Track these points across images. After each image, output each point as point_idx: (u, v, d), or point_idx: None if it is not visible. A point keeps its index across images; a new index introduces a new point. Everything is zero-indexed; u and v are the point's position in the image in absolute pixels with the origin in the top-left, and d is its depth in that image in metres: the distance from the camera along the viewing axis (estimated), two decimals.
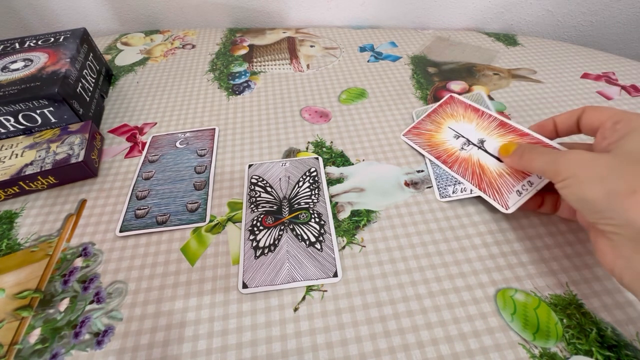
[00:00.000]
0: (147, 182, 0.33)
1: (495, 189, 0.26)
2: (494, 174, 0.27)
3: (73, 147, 0.32)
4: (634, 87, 0.42)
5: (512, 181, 0.26)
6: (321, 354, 0.22)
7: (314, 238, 0.28)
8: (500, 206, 0.26)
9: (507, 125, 0.29)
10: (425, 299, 0.25)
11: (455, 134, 0.31)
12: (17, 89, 0.33)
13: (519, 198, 0.25)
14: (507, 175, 0.26)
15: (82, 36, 0.41)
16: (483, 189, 0.27)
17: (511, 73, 0.45)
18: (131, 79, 0.46)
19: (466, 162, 0.29)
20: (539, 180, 0.25)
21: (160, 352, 0.23)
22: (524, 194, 0.25)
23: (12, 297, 0.25)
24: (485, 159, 0.28)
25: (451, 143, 0.31)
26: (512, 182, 0.26)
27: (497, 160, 0.28)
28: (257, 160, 0.34)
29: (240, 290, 0.25)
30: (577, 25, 0.54)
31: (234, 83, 0.45)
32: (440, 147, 0.31)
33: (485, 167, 0.28)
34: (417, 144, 0.32)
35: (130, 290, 0.26)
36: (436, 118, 0.33)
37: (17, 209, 0.31)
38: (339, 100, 0.41)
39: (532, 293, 0.25)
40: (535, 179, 0.25)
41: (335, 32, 0.54)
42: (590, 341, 0.22)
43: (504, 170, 0.27)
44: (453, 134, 0.31)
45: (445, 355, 0.22)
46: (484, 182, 0.27)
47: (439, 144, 0.31)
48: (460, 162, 0.29)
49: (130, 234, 0.29)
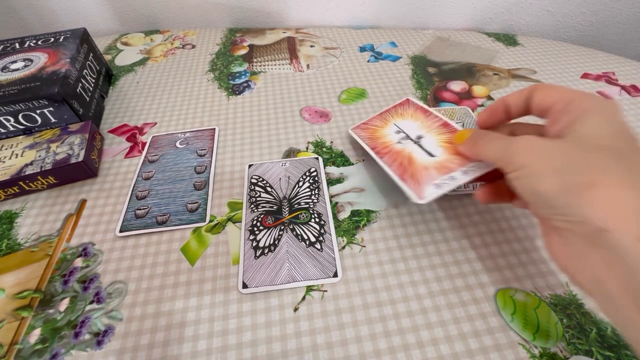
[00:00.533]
0: (147, 182, 0.33)
1: (416, 180, 0.27)
2: (420, 167, 0.28)
3: (73, 147, 0.32)
4: (634, 87, 0.42)
5: (434, 174, 0.26)
6: (321, 354, 0.22)
7: (314, 238, 0.28)
8: (415, 196, 0.26)
9: (449, 125, 0.30)
10: (425, 299, 0.25)
11: (397, 130, 0.32)
12: (17, 89, 0.33)
13: (436, 190, 0.25)
14: (432, 169, 0.27)
15: (82, 36, 0.41)
16: (404, 179, 0.27)
17: (511, 73, 0.45)
18: (131, 79, 0.46)
19: (397, 154, 0.30)
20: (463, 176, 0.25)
21: (160, 352, 0.23)
22: (444, 187, 0.25)
23: (12, 297, 0.25)
24: (417, 153, 0.29)
25: (390, 137, 0.32)
26: (434, 176, 0.26)
27: (429, 155, 0.28)
28: (257, 160, 0.34)
29: (240, 290, 0.25)
30: (577, 25, 0.54)
31: (234, 83, 0.45)
32: (379, 140, 0.32)
33: (414, 160, 0.28)
34: (361, 137, 0.34)
35: (130, 290, 0.26)
36: (386, 116, 0.35)
37: (17, 209, 0.31)
38: (339, 100, 0.41)
39: (532, 293, 0.25)
40: (459, 175, 0.25)
41: (335, 32, 0.54)
42: (590, 341, 0.23)
43: (430, 164, 0.27)
44: (395, 129, 0.32)
45: (445, 355, 0.22)
46: (408, 172, 0.28)
47: (379, 137, 0.32)
48: (392, 153, 0.30)
49: (130, 234, 0.29)
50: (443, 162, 0.27)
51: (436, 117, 0.31)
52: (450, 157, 0.27)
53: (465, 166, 0.26)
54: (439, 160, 0.27)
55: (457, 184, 0.25)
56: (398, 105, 0.35)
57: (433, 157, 0.28)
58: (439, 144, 0.29)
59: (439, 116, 0.31)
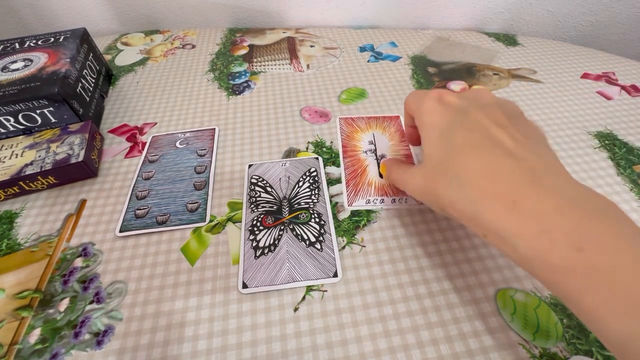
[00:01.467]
0: (147, 182, 0.33)
1: (356, 190, 0.31)
2: (366, 182, 0.32)
3: (73, 147, 0.32)
4: (634, 87, 0.42)
5: (371, 192, 0.31)
6: (321, 354, 0.22)
7: (314, 238, 0.28)
8: (346, 202, 0.30)
9: (410, 157, 0.34)
10: (425, 299, 0.25)
11: (371, 141, 0.35)
12: (17, 89, 0.33)
13: (364, 204, 0.30)
14: (372, 187, 0.31)
15: (82, 36, 0.41)
16: (349, 184, 0.31)
17: (511, 73, 0.45)
18: (131, 79, 0.46)
19: (358, 162, 0.33)
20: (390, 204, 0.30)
21: (160, 352, 0.23)
22: (372, 204, 0.30)
23: (12, 297, 0.25)
24: (371, 168, 0.33)
25: (362, 144, 0.35)
26: (370, 193, 0.31)
27: (380, 176, 0.32)
28: (257, 160, 0.34)
29: (240, 290, 0.25)
30: (577, 25, 0.54)
31: (234, 83, 0.45)
32: (352, 142, 0.36)
33: (366, 173, 0.32)
34: (342, 130, 0.37)
35: (130, 290, 0.26)
36: (371, 123, 0.38)
37: (17, 209, 0.31)
38: (339, 100, 0.41)
39: (532, 293, 0.25)
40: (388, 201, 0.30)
41: (335, 32, 0.54)
42: (590, 341, 0.23)
43: (376, 182, 0.31)
44: (370, 139, 0.36)
45: (445, 355, 0.22)
46: (354, 181, 0.32)
47: (354, 139, 0.36)
48: (354, 159, 0.34)
49: (130, 234, 0.29)
50: (385, 186, 0.31)
51: (407, 146, 0.35)
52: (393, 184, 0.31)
53: (397, 197, 0.30)
54: (384, 183, 0.31)
55: (382, 207, 0.30)
56: (387, 118, 0.38)
57: (381, 178, 0.32)
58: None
59: (409, 146, 0.35)
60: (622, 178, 0.32)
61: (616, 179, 0.32)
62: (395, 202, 0.30)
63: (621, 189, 0.31)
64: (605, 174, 0.32)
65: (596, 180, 0.32)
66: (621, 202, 0.30)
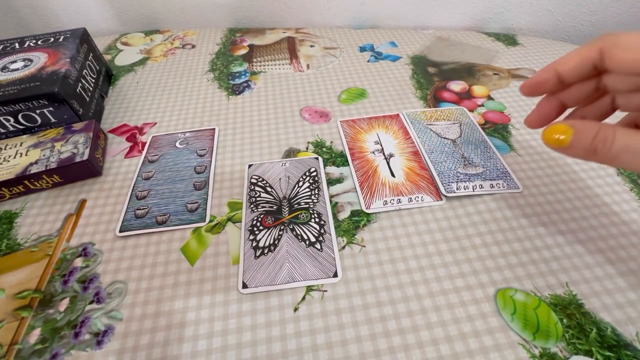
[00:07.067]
0: (147, 182, 0.32)
1: (371, 191, 0.31)
2: (379, 182, 0.31)
3: (77, 146, 0.32)
4: None
5: (387, 192, 0.30)
6: (321, 354, 0.22)
7: (314, 238, 0.28)
8: (364, 204, 0.30)
9: (418, 154, 0.34)
10: (425, 299, 0.25)
11: (377, 141, 0.35)
12: (16, 89, 0.33)
13: (382, 206, 0.29)
14: (386, 187, 0.31)
15: (82, 36, 0.41)
16: (363, 186, 0.31)
17: (511, 73, 0.45)
18: (131, 79, 0.46)
19: (367, 162, 0.33)
20: (407, 203, 0.29)
21: (160, 352, 0.23)
22: (389, 205, 0.30)
23: (12, 297, 0.25)
24: (382, 168, 0.32)
25: (368, 144, 0.35)
26: (386, 193, 0.30)
27: (391, 174, 0.32)
28: (257, 160, 0.34)
29: (240, 290, 0.25)
30: (577, 25, 0.54)
31: (234, 83, 0.45)
32: (358, 143, 0.35)
33: (378, 173, 0.32)
34: (345, 133, 0.37)
35: (130, 290, 0.26)
36: (373, 123, 0.38)
37: (16, 209, 0.31)
38: (339, 100, 0.41)
39: (532, 293, 0.25)
40: (405, 200, 0.29)
41: (335, 32, 0.54)
42: (590, 341, 0.22)
43: (390, 183, 0.31)
44: (375, 139, 0.36)
45: (445, 355, 0.22)
46: (367, 182, 0.31)
47: (360, 140, 0.36)
48: (363, 160, 0.33)
49: (130, 234, 0.29)
50: (399, 185, 0.31)
51: (412, 142, 0.35)
52: (406, 182, 0.31)
53: (413, 195, 0.30)
54: (397, 182, 0.31)
55: (400, 207, 0.29)
56: (387, 117, 0.38)
57: (394, 177, 0.32)
58: (403, 167, 0.32)
59: (415, 143, 0.35)
60: (622, 178, 0.32)
61: (616, 178, 0.32)
62: (412, 201, 0.30)
63: (621, 189, 0.31)
64: (605, 174, 0.32)
65: (596, 180, 0.32)
66: (621, 202, 0.30)
